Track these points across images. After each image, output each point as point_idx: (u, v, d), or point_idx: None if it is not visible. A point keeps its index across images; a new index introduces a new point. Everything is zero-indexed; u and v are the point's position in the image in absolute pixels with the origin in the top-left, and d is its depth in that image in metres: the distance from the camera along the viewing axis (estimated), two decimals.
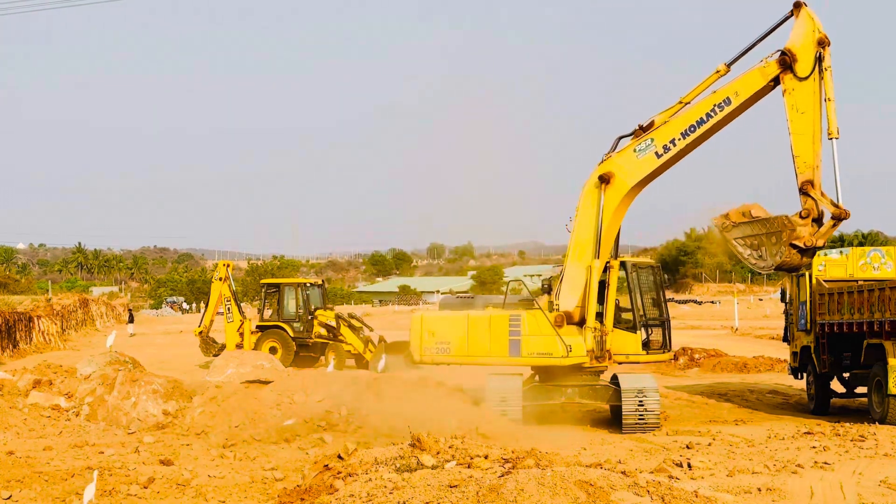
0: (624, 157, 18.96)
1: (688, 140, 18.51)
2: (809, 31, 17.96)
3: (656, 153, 18.68)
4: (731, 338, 45.03)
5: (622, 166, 18.92)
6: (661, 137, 18.66)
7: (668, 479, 10.31)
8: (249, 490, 12.78)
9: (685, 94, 18.69)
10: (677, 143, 18.56)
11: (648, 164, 18.74)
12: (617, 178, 18.89)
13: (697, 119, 18.44)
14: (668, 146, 18.60)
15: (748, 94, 18.28)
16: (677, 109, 18.75)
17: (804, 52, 17.91)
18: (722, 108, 18.28)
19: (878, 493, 12.07)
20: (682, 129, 18.53)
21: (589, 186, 19.16)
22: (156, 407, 18.40)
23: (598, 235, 18.99)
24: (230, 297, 34.84)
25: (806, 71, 17.85)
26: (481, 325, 19.42)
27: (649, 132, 18.78)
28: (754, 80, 18.25)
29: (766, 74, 18.15)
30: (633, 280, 19.45)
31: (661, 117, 18.83)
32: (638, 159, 18.80)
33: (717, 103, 18.30)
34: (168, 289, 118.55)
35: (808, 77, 17.83)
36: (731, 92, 18.29)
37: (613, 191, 18.94)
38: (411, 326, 20.09)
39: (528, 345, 19.02)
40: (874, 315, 18.64)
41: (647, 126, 18.87)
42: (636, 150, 18.83)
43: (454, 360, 19.79)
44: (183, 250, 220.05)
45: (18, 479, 12.97)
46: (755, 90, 18.26)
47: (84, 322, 60.16)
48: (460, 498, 9.30)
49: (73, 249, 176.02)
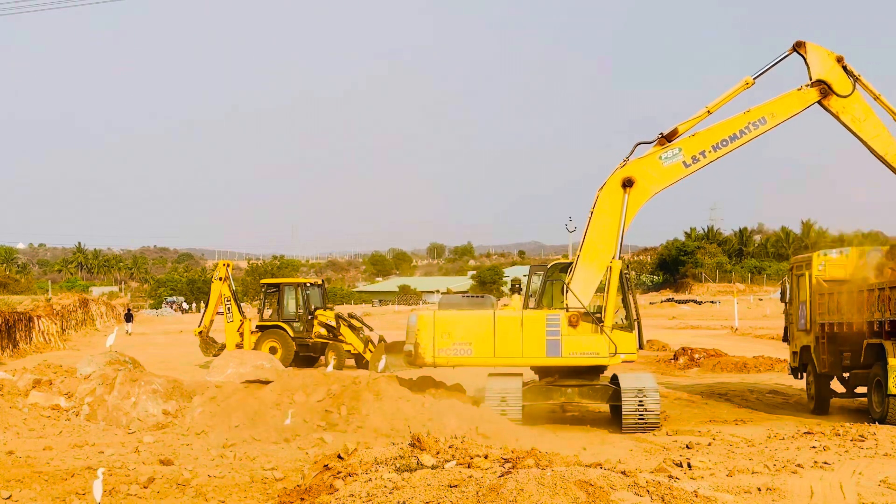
0: (648, 162, 19.21)
1: (718, 153, 19.24)
2: (825, 57, 19.42)
3: (684, 162, 19.19)
4: (731, 338, 45.04)
5: (647, 172, 19.18)
6: (690, 148, 19.18)
7: (668, 479, 10.31)
8: (249, 490, 12.78)
9: (711, 103, 19.32)
10: (707, 156, 19.22)
11: (675, 171, 19.23)
12: (640, 182, 19.12)
13: (731, 135, 19.22)
14: (697, 157, 19.19)
15: (785, 116, 19.40)
16: (702, 118, 19.34)
17: (834, 75, 19.33)
18: (757, 126, 19.31)
19: (878, 493, 12.07)
20: (713, 143, 19.22)
21: (609, 189, 19.18)
22: (156, 407, 18.40)
23: (620, 237, 19.07)
24: (230, 297, 34.84)
25: (847, 88, 19.30)
26: (512, 324, 18.99)
27: (676, 141, 19.21)
28: (792, 103, 19.41)
29: (804, 100, 19.37)
30: (626, 280, 19.45)
31: (685, 126, 19.26)
32: (664, 166, 19.18)
33: (753, 121, 19.28)
34: (168, 289, 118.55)
35: (852, 92, 19.29)
36: (766, 112, 19.34)
37: (637, 194, 19.13)
38: (419, 326, 19.13)
39: (570, 345, 18.81)
40: (874, 315, 18.64)
41: (670, 134, 19.23)
42: (662, 158, 19.17)
43: (478, 361, 19.12)
44: (183, 250, 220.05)
45: (18, 479, 12.98)
46: (793, 113, 19.43)
47: (84, 322, 60.12)
48: (460, 498, 9.30)
49: (73, 249, 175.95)
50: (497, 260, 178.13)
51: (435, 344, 18.95)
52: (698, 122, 19.32)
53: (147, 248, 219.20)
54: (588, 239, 19.20)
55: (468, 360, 19.06)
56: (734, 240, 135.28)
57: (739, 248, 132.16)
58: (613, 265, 18.97)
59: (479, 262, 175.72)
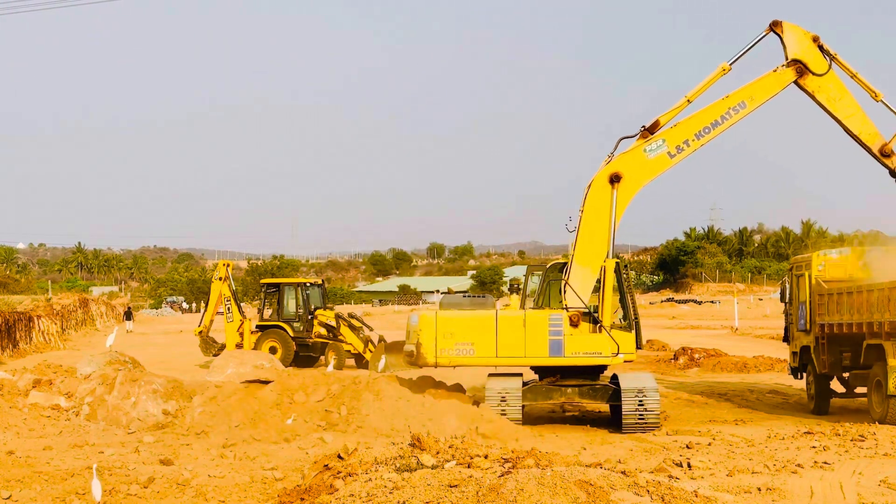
0: (633, 156, 19.25)
1: (702, 141, 19.33)
2: (802, 36, 19.57)
3: (669, 153, 19.25)
4: (731, 337, 45.02)
5: (633, 166, 19.22)
6: (673, 138, 19.25)
7: (668, 479, 10.32)
8: (249, 490, 12.77)
9: (690, 91, 19.40)
10: (691, 144, 19.32)
11: (661, 163, 19.29)
12: (627, 177, 19.14)
13: (712, 121, 19.31)
14: (681, 147, 19.28)
15: (764, 98, 19.65)
16: (683, 107, 19.40)
17: (810, 54, 19.46)
18: (737, 110, 19.41)
19: (878, 493, 12.06)
20: (696, 131, 19.31)
21: (597, 187, 19.20)
22: (156, 407, 18.40)
23: (611, 235, 19.09)
24: (230, 297, 34.83)
25: (822, 66, 19.45)
26: (514, 324, 18.95)
27: (659, 133, 19.26)
28: (770, 85, 19.54)
29: (782, 81, 19.51)
30: (624, 279, 19.44)
31: (667, 117, 19.33)
32: (649, 159, 19.25)
33: (733, 106, 19.38)
34: (168, 288, 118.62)
35: (828, 71, 19.44)
36: (745, 96, 19.43)
37: (625, 189, 19.16)
38: (420, 326, 19.04)
39: (573, 344, 18.80)
40: (874, 315, 18.63)
41: (652, 126, 19.28)
42: (646, 150, 19.23)
43: (480, 361, 19.10)
44: (183, 250, 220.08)
45: (18, 479, 12.97)
46: (771, 94, 19.55)
47: (84, 322, 60.10)
48: (460, 498, 9.30)
49: (73, 249, 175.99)
50: (497, 260, 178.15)
51: (437, 344, 18.90)
52: (679, 111, 19.42)
53: (147, 248, 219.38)
54: (580, 239, 19.20)
55: (470, 360, 19.03)
56: (734, 240, 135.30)
57: (739, 248, 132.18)
58: (607, 264, 18.98)
59: (479, 262, 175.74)
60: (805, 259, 22.20)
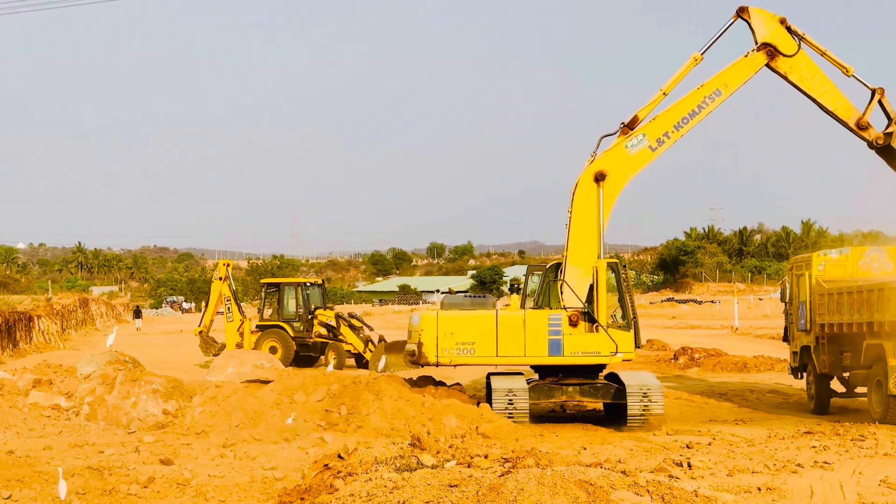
0: (616, 153, 19.41)
1: (682, 132, 19.56)
2: (769, 19, 19.83)
3: (650, 147, 19.44)
4: (731, 337, 45.02)
5: (616, 163, 19.38)
6: (653, 132, 19.46)
7: (668, 479, 10.32)
8: (249, 490, 12.77)
9: (664, 84, 19.65)
10: (671, 136, 19.53)
11: (643, 157, 19.47)
12: (612, 174, 19.31)
13: (690, 111, 19.56)
14: (661, 139, 19.49)
15: (738, 84, 19.74)
16: (659, 101, 19.63)
17: (779, 36, 19.76)
18: (713, 98, 19.68)
19: (878, 492, 12.06)
20: (674, 123, 19.54)
21: (583, 187, 19.31)
22: (156, 406, 18.40)
23: (601, 232, 19.16)
24: (230, 297, 34.85)
25: (792, 47, 19.75)
26: (515, 324, 19.00)
27: (638, 127, 19.44)
28: (743, 70, 19.77)
29: (754, 65, 19.77)
30: (623, 279, 19.47)
31: (644, 111, 19.54)
32: (631, 154, 19.41)
33: (708, 94, 19.65)
34: (168, 288, 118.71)
35: (798, 51, 19.73)
36: (720, 84, 19.71)
37: (610, 187, 19.30)
38: (422, 326, 19.12)
39: (572, 344, 18.85)
40: (874, 315, 18.63)
41: (631, 122, 19.47)
42: (628, 146, 19.40)
43: (481, 361, 19.20)
44: (183, 250, 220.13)
45: (18, 479, 12.96)
46: (745, 80, 19.79)
47: (84, 322, 60.16)
48: (460, 497, 9.30)
49: (73, 249, 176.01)
50: (497, 260, 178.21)
51: (439, 343, 18.98)
52: (656, 105, 19.62)
53: (147, 247, 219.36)
54: (571, 240, 19.30)
55: (471, 359, 19.14)
56: (734, 239, 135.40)
57: (739, 248, 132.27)
58: (599, 265, 19.04)
59: (479, 262, 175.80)
60: (805, 259, 22.20)
